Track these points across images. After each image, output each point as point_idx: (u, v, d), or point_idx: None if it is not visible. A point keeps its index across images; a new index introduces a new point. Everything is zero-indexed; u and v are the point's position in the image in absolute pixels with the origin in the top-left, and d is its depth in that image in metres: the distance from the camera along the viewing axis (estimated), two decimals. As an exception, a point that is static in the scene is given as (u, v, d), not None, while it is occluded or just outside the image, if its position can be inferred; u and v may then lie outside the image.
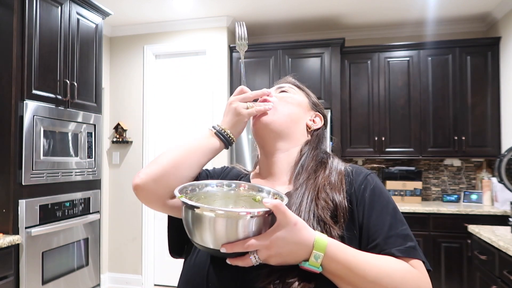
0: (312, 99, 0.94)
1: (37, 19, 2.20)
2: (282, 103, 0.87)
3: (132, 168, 3.90)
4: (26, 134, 2.11)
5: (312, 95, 0.96)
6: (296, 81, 0.97)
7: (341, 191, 0.74)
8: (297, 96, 0.91)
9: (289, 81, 0.96)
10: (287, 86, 0.93)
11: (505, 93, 3.36)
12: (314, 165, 0.80)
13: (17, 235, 2.06)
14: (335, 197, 0.72)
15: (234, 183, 0.79)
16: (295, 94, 0.92)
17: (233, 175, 0.94)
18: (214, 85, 3.72)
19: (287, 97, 0.89)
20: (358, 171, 0.79)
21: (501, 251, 2.01)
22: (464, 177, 3.78)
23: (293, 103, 0.89)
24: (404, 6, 3.41)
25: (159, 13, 3.59)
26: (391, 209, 0.72)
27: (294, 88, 0.94)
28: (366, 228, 0.70)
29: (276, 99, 0.88)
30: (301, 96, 0.92)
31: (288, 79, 0.97)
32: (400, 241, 0.68)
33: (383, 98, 3.64)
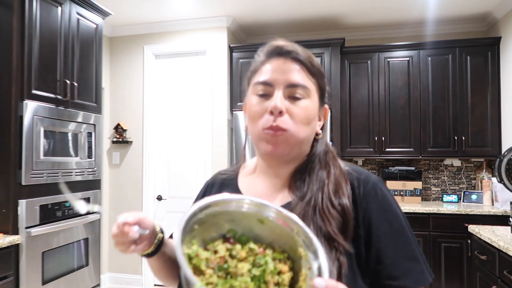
0: (322, 87, 0.76)
1: (37, 19, 2.20)
2: (300, 127, 0.69)
3: (132, 168, 3.90)
4: (26, 134, 2.11)
5: (324, 80, 0.77)
6: (309, 55, 0.73)
7: (347, 196, 0.67)
8: (312, 101, 0.72)
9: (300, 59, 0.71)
10: (301, 79, 0.70)
11: (505, 93, 3.36)
12: (316, 170, 0.72)
13: (17, 235, 2.06)
14: (342, 202, 0.66)
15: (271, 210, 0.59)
16: (309, 98, 0.71)
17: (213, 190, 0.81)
18: (214, 85, 3.72)
19: (303, 114, 0.69)
20: (365, 178, 0.71)
21: (501, 251, 2.01)
22: (464, 177, 3.78)
23: (309, 118, 0.70)
24: (404, 6, 3.41)
25: (159, 13, 3.59)
26: (399, 226, 0.67)
27: (308, 76, 0.71)
28: (375, 248, 0.65)
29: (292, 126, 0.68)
30: (315, 96, 0.73)
31: (300, 52, 0.71)
32: (407, 266, 0.64)
33: (383, 98, 3.64)
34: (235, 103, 3.71)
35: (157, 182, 3.91)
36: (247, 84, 0.77)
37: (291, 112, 0.68)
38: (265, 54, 0.74)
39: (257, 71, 0.73)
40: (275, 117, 0.67)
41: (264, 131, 0.68)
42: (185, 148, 3.84)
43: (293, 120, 0.68)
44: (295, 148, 0.71)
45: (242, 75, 3.71)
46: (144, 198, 3.85)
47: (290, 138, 0.68)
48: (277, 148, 0.69)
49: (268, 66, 0.71)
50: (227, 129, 3.69)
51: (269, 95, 0.69)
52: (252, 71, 0.75)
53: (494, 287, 2.07)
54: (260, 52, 0.75)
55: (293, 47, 0.71)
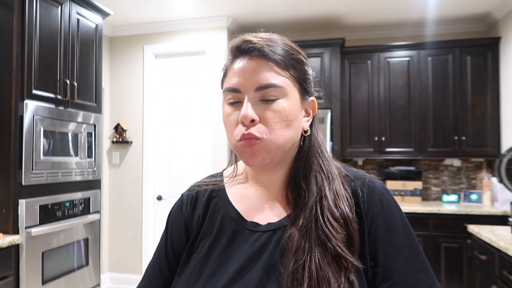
0: (305, 80, 0.65)
1: (37, 19, 2.20)
2: (277, 132, 0.61)
3: (132, 168, 3.90)
4: (26, 134, 2.11)
5: (304, 67, 0.66)
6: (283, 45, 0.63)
7: (348, 206, 0.62)
8: (289, 100, 0.62)
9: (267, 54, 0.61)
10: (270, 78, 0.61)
11: (505, 93, 3.36)
12: (311, 176, 0.65)
13: (17, 235, 2.06)
14: (343, 212, 0.60)
15: None
16: (285, 97, 0.62)
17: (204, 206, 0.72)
18: (214, 85, 3.72)
19: (278, 117, 0.61)
20: (369, 186, 0.65)
21: (501, 251, 2.01)
22: (464, 177, 3.77)
23: (287, 119, 0.62)
24: (404, 6, 3.41)
25: (159, 13, 3.59)
26: (407, 237, 0.62)
27: (279, 73, 0.62)
28: (382, 263, 0.60)
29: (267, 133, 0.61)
30: (292, 92, 0.63)
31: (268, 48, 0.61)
32: (417, 280, 0.60)
33: (383, 98, 3.64)
34: (235, 103, 3.70)
35: (157, 182, 3.91)
36: (221, 85, 0.69)
37: (265, 118, 0.61)
38: (231, 52, 0.66)
39: (225, 74, 0.66)
40: (247, 127, 0.61)
41: (239, 143, 0.62)
42: (185, 148, 3.84)
43: (268, 126, 0.61)
44: (277, 154, 0.63)
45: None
46: (144, 198, 3.85)
47: (267, 146, 0.61)
48: (255, 158, 0.62)
49: (233, 69, 0.63)
50: (227, 129, 3.69)
51: (240, 102, 0.62)
52: (223, 73, 0.68)
53: (494, 287, 2.07)
54: (227, 50, 0.67)
55: (256, 40, 0.62)
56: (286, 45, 0.64)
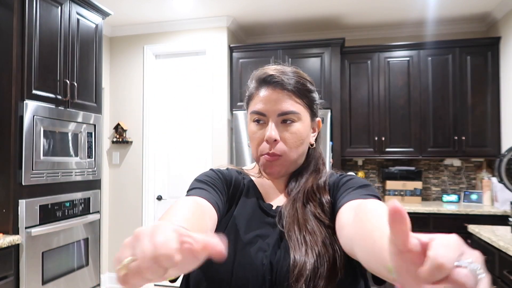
0: (313, 106, 0.84)
1: (37, 19, 2.20)
2: (293, 150, 0.80)
3: (132, 168, 3.90)
4: (26, 134, 2.11)
5: (313, 94, 0.83)
6: (296, 77, 0.80)
7: (327, 193, 0.80)
8: (303, 123, 0.80)
9: (286, 87, 0.78)
10: (290, 106, 0.78)
11: (505, 93, 3.36)
12: (306, 174, 0.84)
13: (17, 235, 2.06)
14: (322, 199, 0.78)
15: None
16: (300, 120, 0.79)
17: (235, 181, 0.86)
18: (214, 85, 3.72)
19: (295, 138, 0.79)
20: (342, 174, 0.84)
21: (501, 251, 2.01)
22: (464, 177, 3.77)
23: (302, 139, 0.80)
24: (404, 6, 3.41)
25: (159, 13, 3.59)
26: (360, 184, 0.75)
27: (296, 101, 0.79)
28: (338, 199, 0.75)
29: (286, 150, 0.79)
30: (305, 116, 0.81)
31: (287, 80, 0.79)
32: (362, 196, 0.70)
33: (383, 98, 3.64)
34: (235, 103, 3.71)
35: (157, 182, 3.91)
36: (246, 105, 0.87)
37: (284, 138, 0.79)
38: (256, 81, 0.82)
39: (251, 98, 0.83)
40: (271, 145, 0.78)
41: (263, 157, 0.80)
42: (185, 148, 3.84)
43: (287, 145, 0.79)
44: (290, 167, 0.82)
45: (242, 75, 3.71)
46: (144, 198, 3.85)
47: (285, 161, 0.80)
48: (274, 170, 0.81)
49: (260, 95, 0.80)
50: (227, 129, 3.69)
51: (264, 122, 0.80)
52: (248, 96, 0.85)
53: (494, 287, 2.07)
54: (252, 79, 0.84)
55: (280, 75, 0.79)
56: (300, 77, 0.81)
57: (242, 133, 3.59)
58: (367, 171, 3.94)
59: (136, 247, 0.40)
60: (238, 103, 3.69)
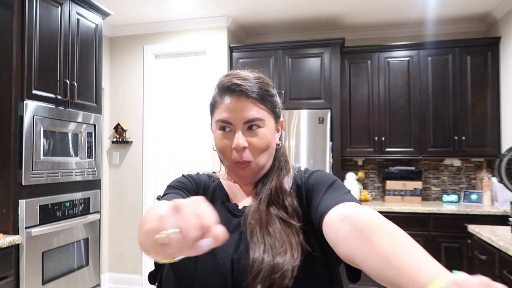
0: (276, 109, 0.85)
1: (37, 19, 2.20)
2: (261, 155, 0.81)
3: (132, 168, 3.90)
4: (26, 134, 2.11)
5: (275, 98, 0.85)
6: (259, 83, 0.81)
7: (290, 194, 0.81)
8: (268, 128, 0.82)
9: (250, 95, 0.79)
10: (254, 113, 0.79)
11: (505, 93, 3.36)
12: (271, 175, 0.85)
13: (17, 235, 2.06)
14: (286, 201, 0.80)
15: None
16: (265, 125, 0.81)
17: (204, 184, 0.90)
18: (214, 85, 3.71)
19: (263, 142, 0.80)
20: (306, 171, 0.87)
21: (501, 251, 2.01)
22: (464, 177, 3.78)
23: (268, 143, 0.82)
24: (404, 6, 3.41)
25: (159, 13, 3.59)
26: (330, 184, 0.78)
27: (260, 107, 0.80)
28: (314, 205, 0.76)
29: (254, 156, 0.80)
30: (269, 120, 0.82)
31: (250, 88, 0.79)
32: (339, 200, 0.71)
33: (383, 98, 3.64)
34: (235, 103, 3.71)
35: (157, 182, 3.91)
36: (210, 112, 0.89)
37: (252, 144, 0.80)
38: (220, 89, 0.84)
39: (216, 105, 0.85)
40: (240, 153, 0.79)
41: (233, 165, 0.81)
42: (185, 148, 3.84)
43: (255, 150, 0.80)
44: (260, 172, 0.84)
45: (242, 75, 3.70)
46: (144, 198, 3.85)
47: (255, 167, 0.82)
48: (245, 178, 0.83)
49: (225, 104, 0.81)
50: (227, 129, 3.69)
51: (231, 130, 0.81)
52: (212, 103, 0.87)
53: (494, 287, 2.06)
54: (216, 86, 0.86)
55: (244, 83, 0.80)
56: (263, 82, 0.82)
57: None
58: (367, 171, 3.94)
59: (180, 218, 0.43)
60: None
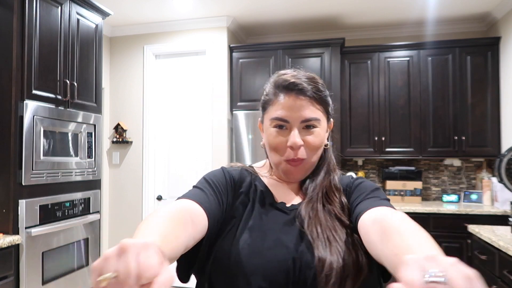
0: (329, 110, 0.86)
1: (37, 19, 2.20)
2: (314, 153, 0.83)
3: (132, 168, 3.90)
4: (26, 134, 2.11)
5: (328, 98, 0.86)
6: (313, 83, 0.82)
7: (343, 194, 0.83)
8: (322, 127, 0.83)
9: (308, 95, 0.80)
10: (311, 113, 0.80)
11: (505, 93, 3.36)
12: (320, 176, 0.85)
13: (17, 235, 2.06)
14: (341, 198, 0.82)
15: None
16: (320, 125, 0.82)
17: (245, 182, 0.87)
18: (214, 85, 3.72)
19: (318, 141, 0.82)
20: (355, 179, 0.88)
21: (501, 251, 2.01)
22: (464, 177, 3.77)
23: (322, 142, 0.84)
24: (404, 6, 3.41)
25: (159, 13, 3.59)
26: (372, 190, 0.80)
27: (316, 107, 0.81)
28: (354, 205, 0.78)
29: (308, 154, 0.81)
30: (323, 120, 0.84)
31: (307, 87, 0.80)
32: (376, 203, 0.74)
33: (383, 98, 3.64)
34: (235, 103, 3.71)
35: (157, 182, 3.91)
36: (262, 110, 0.87)
37: (307, 143, 0.81)
38: (275, 87, 0.83)
39: (270, 103, 0.84)
40: (295, 151, 0.80)
41: (286, 162, 0.82)
42: (185, 148, 3.84)
43: (309, 149, 0.81)
44: (309, 170, 0.85)
45: (242, 75, 3.71)
46: (144, 198, 3.85)
47: (307, 164, 0.83)
48: (296, 175, 0.84)
49: (281, 102, 0.81)
50: (227, 129, 3.69)
51: (286, 128, 0.81)
52: (265, 101, 0.86)
53: (494, 287, 2.07)
54: (269, 84, 0.86)
55: (300, 81, 0.80)
56: (317, 82, 0.83)
57: (242, 133, 3.59)
58: (367, 171, 3.94)
59: (121, 262, 0.40)
60: (238, 103, 3.69)
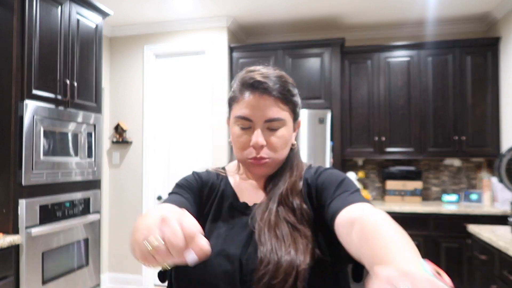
0: (296, 109, 0.84)
1: (37, 19, 2.19)
2: (279, 153, 0.81)
3: (132, 168, 3.90)
4: (26, 134, 2.11)
5: (295, 98, 0.83)
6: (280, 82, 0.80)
7: (299, 195, 0.80)
8: (287, 127, 0.81)
9: (273, 94, 0.78)
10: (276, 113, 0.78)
11: (505, 93, 3.36)
12: (283, 175, 0.84)
13: (17, 235, 2.06)
14: (295, 203, 0.79)
15: None
16: (284, 125, 0.80)
17: (211, 183, 0.88)
18: (214, 85, 3.72)
19: (281, 142, 0.80)
20: (316, 169, 0.86)
21: (501, 251, 2.01)
22: (464, 177, 3.77)
23: (286, 143, 0.82)
24: (404, 6, 3.41)
25: (159, 13, 3.59)
26: (339, 183, 0.78)
27: (281, 107, 0.79)
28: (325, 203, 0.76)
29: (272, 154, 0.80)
30: (289, 120, 0.82)
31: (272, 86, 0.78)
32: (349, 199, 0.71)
33: (383, 98, 3.64)
34: (235, 103, 3.71)
35: (157, 182, 3.91)
36: (228, 106, 0.86)
37: (271, 143, 0.80)
38: (242, 84, 0.81)
39: (235, 100, 0.82)
40: (257, 150, 0.79)
41: (249, 160, 0.81)
42: (185, 148, 3.84)
43: (273, 149, 0.80)
44: (275, 168, 0.84)
45: (242, 75, 3.70)
46: (144, 198, 3.85)
47: (271, 163, 0.81)
48: (260, 171, 0.83)
49: (246, 100, 0.80)
50: (227, 129, 3.68)
51: (250, 127, 0.80)
52: (231, 97, 0.84)
53: (494, 287, 2.07)
54: (237, 80, 0.83)
55: (267, 80, 0.78)
56: (285, 81, 0.81)
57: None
58: (367, 171, 3.94)
59: (166, 228, 0.46)
60: (238, 103, 3.69)
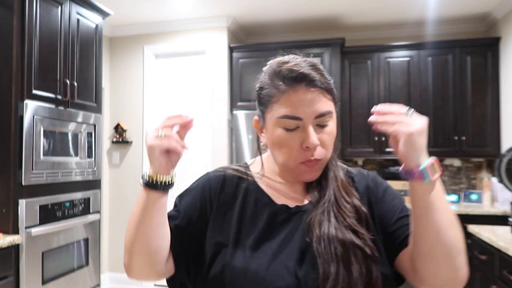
0: (336, 99, 0.76)
1: (37, 19, 2.19)
2: (330, 151, 0.74)
3: (132, 168, 3.90)
4: (26, 134, 2.11)
5: (333, 87, 0.75)
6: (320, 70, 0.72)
7: (354, 195, 0.75)
8: (333, 120, 0.73)
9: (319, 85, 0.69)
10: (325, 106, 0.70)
11: (505, 93, 3.36)
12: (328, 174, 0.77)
13: (17, 235, 2.05)
14: (354, 202, 0.73)
15: None
16: (331, 118, 0.72)
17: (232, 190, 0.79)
18: (214, 85, 3.72)
19: (330, 139, 0.73)
20: (360, 175, 0.82)
21: (501, 251, 2.01)
22: (464, 177, 3.77)
23: (334, 138, 0.74)
24: (404, 6, 3.41)
25: (159, 13, 3.59)
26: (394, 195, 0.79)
27: (328, 98, 0.71)
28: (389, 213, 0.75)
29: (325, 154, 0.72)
30: (334, 112, 0.74)
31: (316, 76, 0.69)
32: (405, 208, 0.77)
33: (383, 98, 3.64)
34: (235, 103, 3.71)
35: (157, 182, 3.90)
36: (262, 108, 0.74)
37: (323, 141, 0.71)
38: (280, 79, 0.70)
39: (274, 99, 0.71)
40: (312, 151, 0.70)
41: (301, 164, 0.71)
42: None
43: (325, 147, 0.72)
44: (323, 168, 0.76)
45: (242, 75, 3.71)
46: (144, 198, 3.84)
47: (323, 164, 0.74)
48: (312, 175, 0.74)
49: (290, 96, 0.69)
50: (227, 129, 3.69)
51: (298, 126, 0.70)
52: (266, 98, 0.73)
53: (494, 287, 2.07)
54: (270, 74, 0.73)
55: (309, 70, 0.69)
56: (323, 70, 0.73)
57: (242, 133, 3.59)
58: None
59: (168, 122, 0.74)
60: (238, 103, 3.69)
